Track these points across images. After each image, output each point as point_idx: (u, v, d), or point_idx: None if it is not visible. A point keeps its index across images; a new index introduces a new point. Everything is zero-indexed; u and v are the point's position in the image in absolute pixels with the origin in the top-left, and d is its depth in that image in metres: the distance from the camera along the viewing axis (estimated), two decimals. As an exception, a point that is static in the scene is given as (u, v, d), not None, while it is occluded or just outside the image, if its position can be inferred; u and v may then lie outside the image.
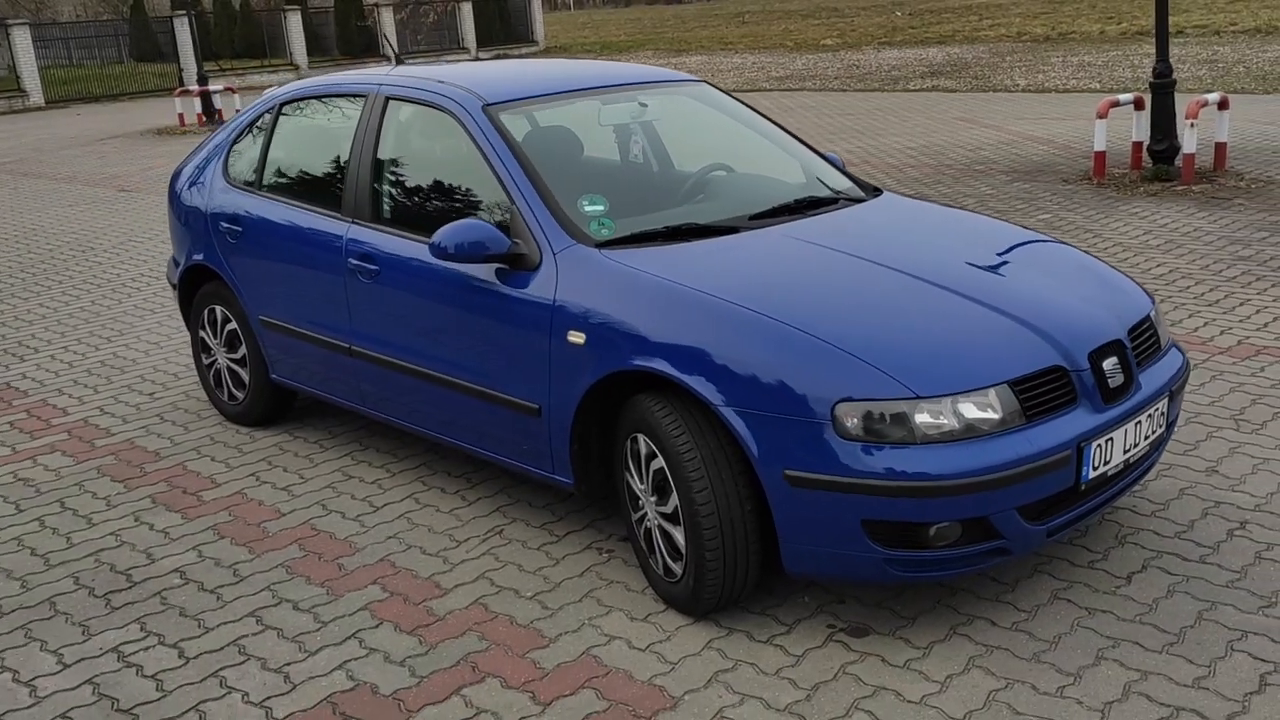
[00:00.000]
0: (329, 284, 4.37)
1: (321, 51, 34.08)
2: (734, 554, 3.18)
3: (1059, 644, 3.14)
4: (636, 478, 3.46)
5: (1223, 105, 9.85)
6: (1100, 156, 9.95)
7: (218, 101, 20.02)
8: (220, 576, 3.79)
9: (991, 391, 3.01)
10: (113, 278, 8.49)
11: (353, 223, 4.30)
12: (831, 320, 3.14)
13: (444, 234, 3.66)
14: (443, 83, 4.22)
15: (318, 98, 4.79)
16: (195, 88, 20.28)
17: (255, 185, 4.86)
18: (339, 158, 4.53)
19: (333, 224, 4.38)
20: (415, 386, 4.10)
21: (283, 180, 4.77)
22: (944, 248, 3.70)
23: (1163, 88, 9.74)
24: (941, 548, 3.00)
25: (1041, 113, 14.82)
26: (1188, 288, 6.47)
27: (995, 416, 2.99)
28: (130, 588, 3.75)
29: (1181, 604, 3.30)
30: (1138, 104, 10.12)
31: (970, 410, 2.97)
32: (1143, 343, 3.48)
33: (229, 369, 5.12)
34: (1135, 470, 3.40)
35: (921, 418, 2.94)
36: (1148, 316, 3.57)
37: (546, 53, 35.74)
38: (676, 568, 3.34)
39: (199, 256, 5.09)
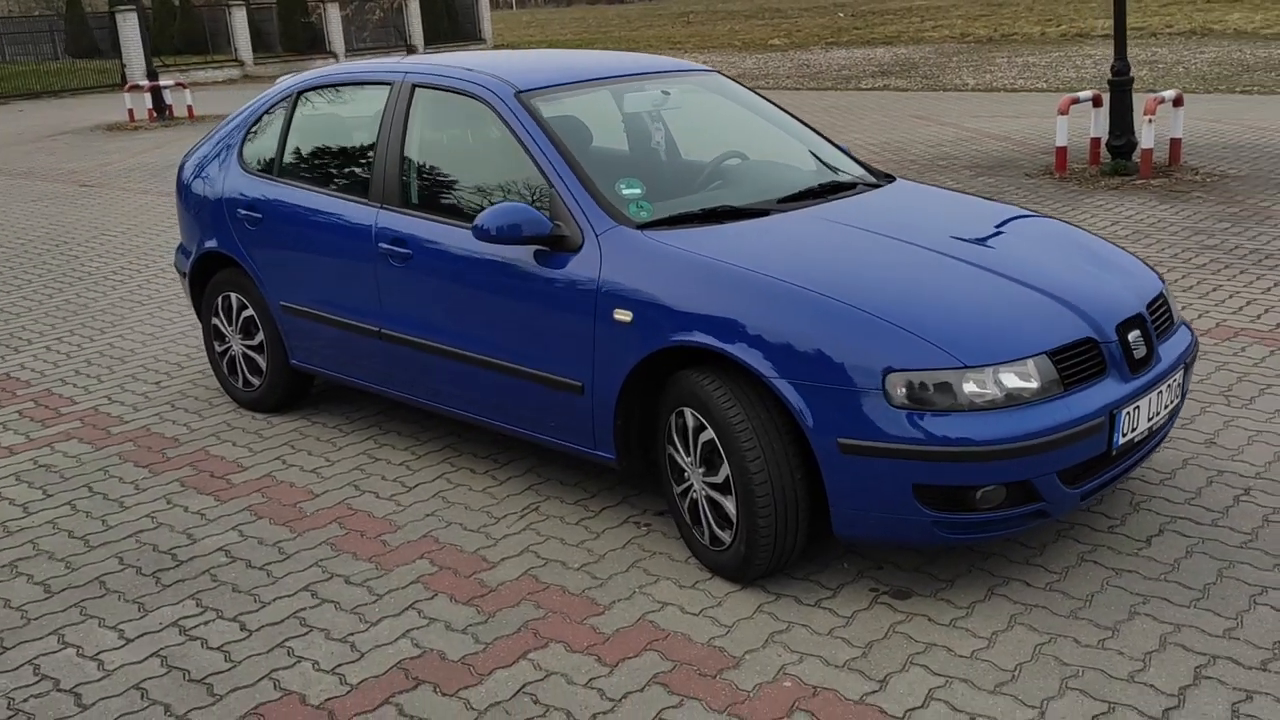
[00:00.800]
0: (357, 268, 4.44)
1: (265, 48, 33.71)
2: (785, 520, 3.32)
3: (1092, 601, 3.32)
4: (681, 451, 3.58)
5: (1178, 102, 10.20)
6: (1062, 152, 10.25)
7: (168, 97, 19.76)
8: (266, 554, 3.86)
9: (1031, 361, 3.18)
10: (93, 270, 8.43)
11: (382, 208, 4.38)
12: (878, 295, 3.29)
13: (487, 216, 3.76)
14: (471, 70, 4.32)
15: (337, 86, 4.85)
16: (145, 83, 19.99)
17: (274, 172, 4.91)
18: (364, 145, 4.60)
19: (361, 209, 4.45)
20: (450, 368, 4.19)
21: (304, 167, 4.82)
22: (968, 228, 3.87)
23: (1121, 85, 10.08)
24: (986, 510, 3.17)
25: (994, 111, 15.18)
26: (1161, 275, 6.73)
27: (1035, 385, 3.16)
28: (177, 566, 3.80)
29: (1201, 563, 3.50)
30: (1096, 101, 10.46)
31: (1012, 379, 3.14)
32: (1159, 318, 3.68)
33: (244, 355, 5.15)
34: (1156, 437, 3.60)
35: (968, 386, 3.10)
36: (1161, 293, 3.78)
37: (494, 50, 35.66)
38: (725, 536, 3.47)
39: (212, 244, 5.13)
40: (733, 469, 3.34)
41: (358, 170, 4.58)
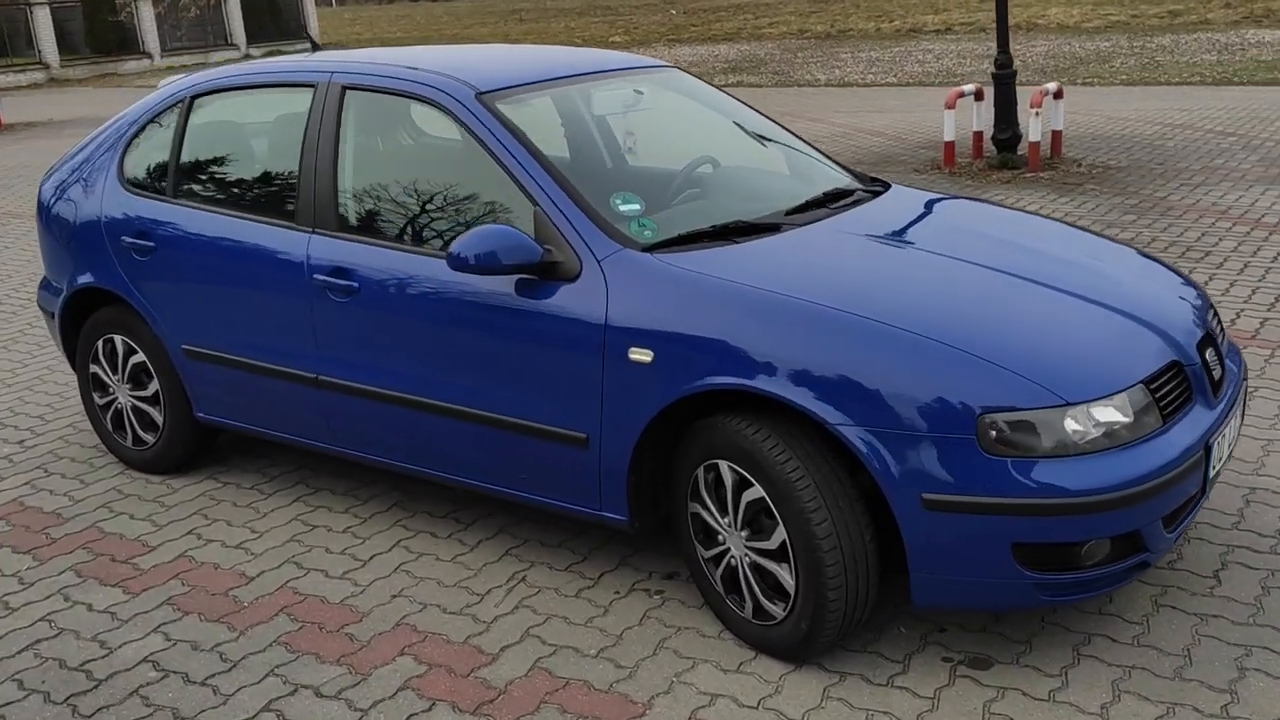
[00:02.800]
0: (284, 304, 3.75)
1: (69, 49, 31.38)
2: (856, 591, 2.85)
3: (1192, 658, 2.96)
4: (714, 509, 3.07)
5: (1058, 95, 10.21)
6: (950, 146, 10.13)
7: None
8: (206, 663, 3.16)
9: (1130, 393, 2.79)
10: (-89, 306, 7.32)
11: (314, 233, 3.70)
12: (957, 325, 2.84)
13: (465, 243, 3.16)
14: (417, 70, 3.68)
15: (241, 89, 4.12)
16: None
17: (167, 192, 4.15)
18: (283, 158, 3.92)
19: (286, 235, 3.76)
20: (412, 420, 3.55)
21: (205, 186, 4.09)
22: (1012, 242, 3.47)
23: (1004, 79, 10.01)
24: (1089, 567, 2.76)
25: (855, 106, 15.12)
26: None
27: (1132, 419, 2.77)
28: (95, 688, 3.07)
29: (1284, 601, 3.19)
30: (978, 95, 10.38)
31: (1111, 414, 2.74)
32: (1218, 330, 3.35)
33: (134, 409, 4.37)
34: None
35: (1072, 426, 2.69)
36: (1211, 305, 3.46)
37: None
38: (775, 609, 2.97)
39: (88, 278, 4.32)
40: (791, 533, 2.84)
41: (278, 189, 3.88)
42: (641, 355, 3.03)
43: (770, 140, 4.22)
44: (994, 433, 2.66)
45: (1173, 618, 3.14)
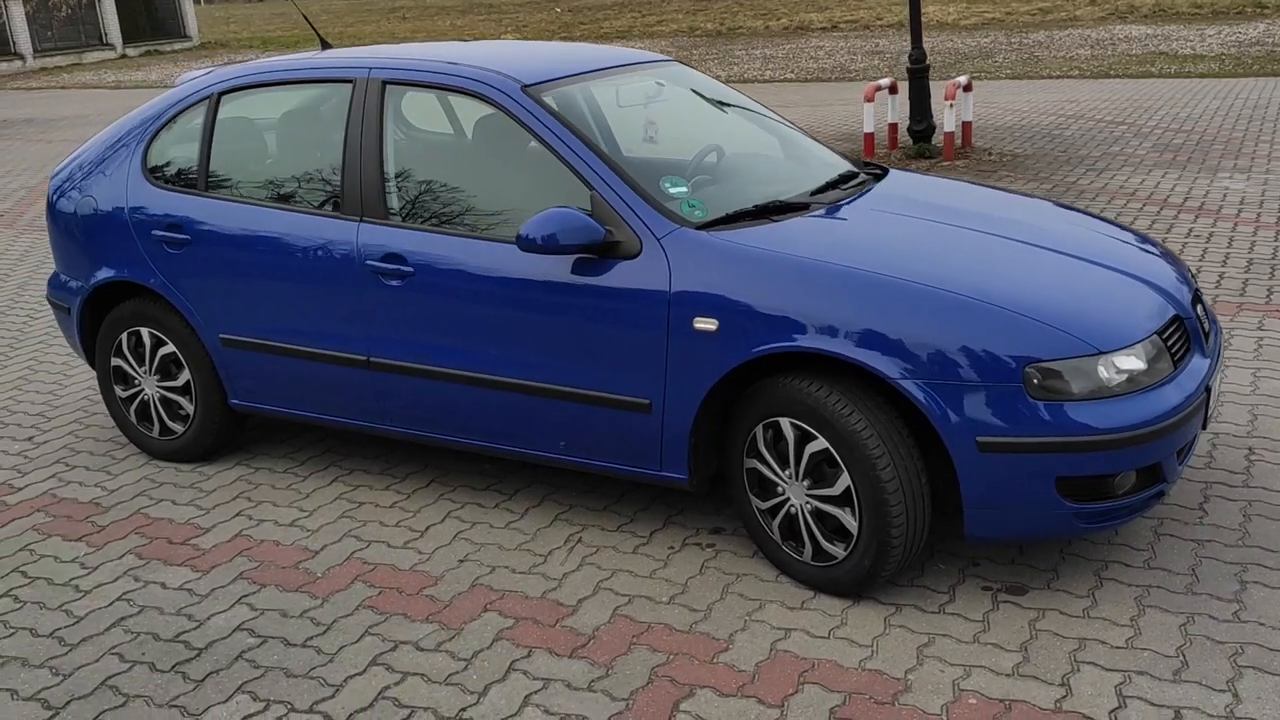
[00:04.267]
0: (333, 291, 3.92)
1: (-69, 50, 30.05)
2: (914, 528, 3.18)
3: (1198, 575, 3.36)
4: (773, 463, 3.36)
5: (967, 88, 10.78)
6: (869, 137, 10.61)
7: None
8: (301, 628, 3.32)
9: (1147, 343, 3.17)
10: None
11: (362, 222, 3.88)
12: (996, 286, 3.19)
13: (532, 225, 3.39)
14: (458, 65, 3.89)
15: (270, 85, 4.25)
16: None
17: (199, 186, 4.25)
18: (323, 151, 4.07)
19: (334, 225, 3.92)
20: (469, 396, 3.76)
21: (240, 179, 4.21)
22: (1018, 215, 3.84)
23: (919, 73, 10.56)
24: (1120, 496, 3.14)
25: (763, 101, 15.57)
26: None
27: (1152, 365, 3.16)
28: (197, 656, 3.21)
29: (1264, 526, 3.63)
30: (892, 89, 10.90)
31: (1134, 362, 3.12)
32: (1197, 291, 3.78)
33: (162, 399, 4.46)
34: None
35: (1104, 373, 3.06)
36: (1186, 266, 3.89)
37: (203, 49, 33.39)
38: (836, 550, 3.28)
39: (112, 273, 4.40)
40: (856, 479, 3.16)
41: (319, 181, 4.03)
42: (706, 324, 3.31)
43: (768, 128, 4.53)
44: (1038, 380, 3.02)
45: (1173, 544, 3.55)
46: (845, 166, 4.30)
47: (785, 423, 3.29)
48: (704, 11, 33.54)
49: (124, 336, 4.47)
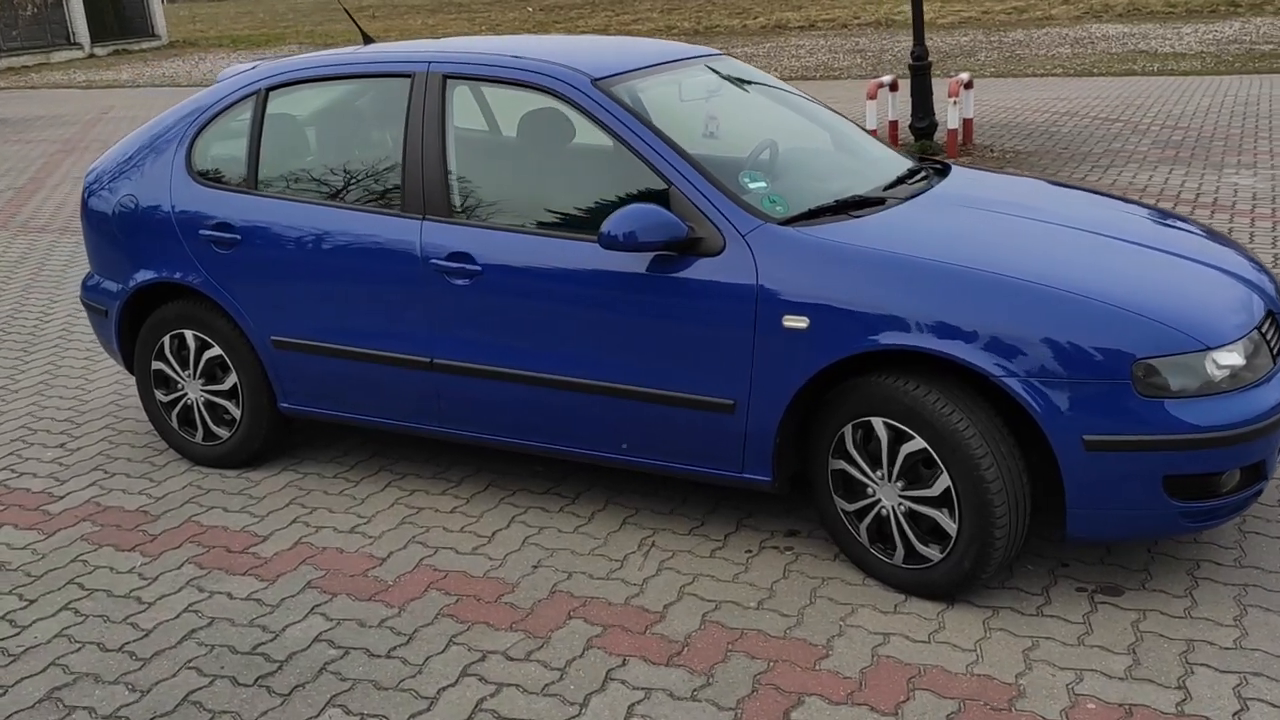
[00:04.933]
0: (394, 291, 3.81)
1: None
2: (1016, 528, 3.12)
3: (1291, 573, 3.34)
4: (863, 464, 3.29)
5: (969, 85, 10.78)
6: (873, 135, 10.57)
7: None
8: (381, 639, 3.22)
9: (1248, 339, 3.13)
10: None
11: (425, 220, 3.77)
12: (1097, 282, 3.13)
13: (614, 222, 3.31)
14: (522, 58, 3.79)
15: (322, 79, 4.13)
16: None
17: (250, 184, 4.13)
18: (380, 147, 3.97)
19: (395, 223, 3.82)
20: (535, 396, 3.67)
21: (292, 177, 4.09)
22: (1094, 210, 3.80)
23: (921, 70, 10.55)
24: (1225, 495, 3.09)
25: (751, 99, 15.52)
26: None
27: (1259, 361, 3.12)
28: (279, 669, 3.10)
29: (1349, 522, 3.60)
30: (893, 86, 10.88)
31: (1235, 358, 3.08)
32: (1272, 288, 3.76)
33: (207, 404, 4.33)
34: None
35: (1211, 369, 3.02)
36: (1260, 263, 3.86)
37: (172, 48, 32.95)
38: (931, 552, 3.22)
39: (154, 274, 4.27)
40: (958, 479, 3.10)
41: (377, 179, 3.92)
42: (796, 322, 3.24)
43: (821, 122, 4.46)
44: (1146, 377, 2.97)
45: (1261, 542, 3.52)
46: (906, 161, 4.24)
47: (878, 422, 3.22)
48: (678, 10, 33.50)
49: (166, 339, 4.33)
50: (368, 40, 4.68)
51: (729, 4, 34.29)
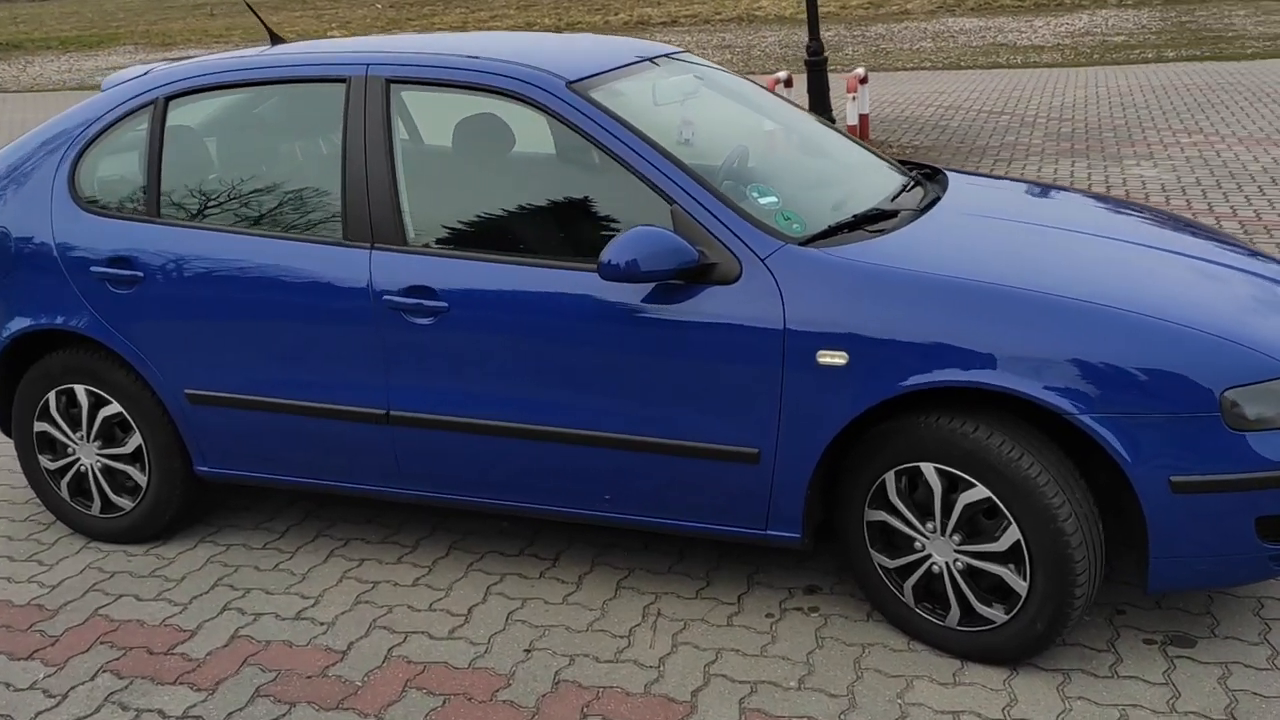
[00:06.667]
0: (338, 332, 3.25)
1: None
2: (1095, 584, 2.77)
3: (1361, 607, 3.07)
4: (911, 515, 2.89)
5: (863, 80, 10.59)
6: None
7: None
8: (364, 761, 2.67)
9: (1324, 359, 2.84)
10: None
11: (374, 249, 3.22)
12: (1164, 302, 2.79)
13: (616, 249, 2.83)
14: (480, 59, 3.27)
15: (233, 85, 3.51)
16: None
17: (149, 211, 3.49)
18: (311, 165, 3.40)
19: (334, 254, 3.25)
20: (516, 451, 3.16)
21: (205, 202, 3.46)
22: (1123, 219, 3.48)
23: (817, 65, 10.31)
24: (1311, 533, 2.80)
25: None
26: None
27: (1330, 386, 2.83)
28: (243, 813, 2.52)
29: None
30: (788, 82, 10.61)
31: (1314, 381, 2.78)
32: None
33: (104, 470, 3.67)
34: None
35: (1296, 396, 2.71)
36: None
37: (-7, 51, 30.72)
38: (994, 613, 2.84)
39: (32, 321, 3.59)
40: (1028, 532, 2.72)
41: (315, 202, 3.34)
42: (834, 358, 2.81)
43: (793, 123, 4.05)
44: (1239, 409, 2.64)
45: (1315, 572, 3.25)
46: (896, 166, 3.86)
47: (929, 469, 2.82)
48: (535, 7, 32.94)
49: (51, 396, 3.66)
50: (275, 40, 4.07)
51: (588, 2, 33.90)
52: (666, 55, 3.90)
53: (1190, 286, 2.95)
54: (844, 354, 2.80)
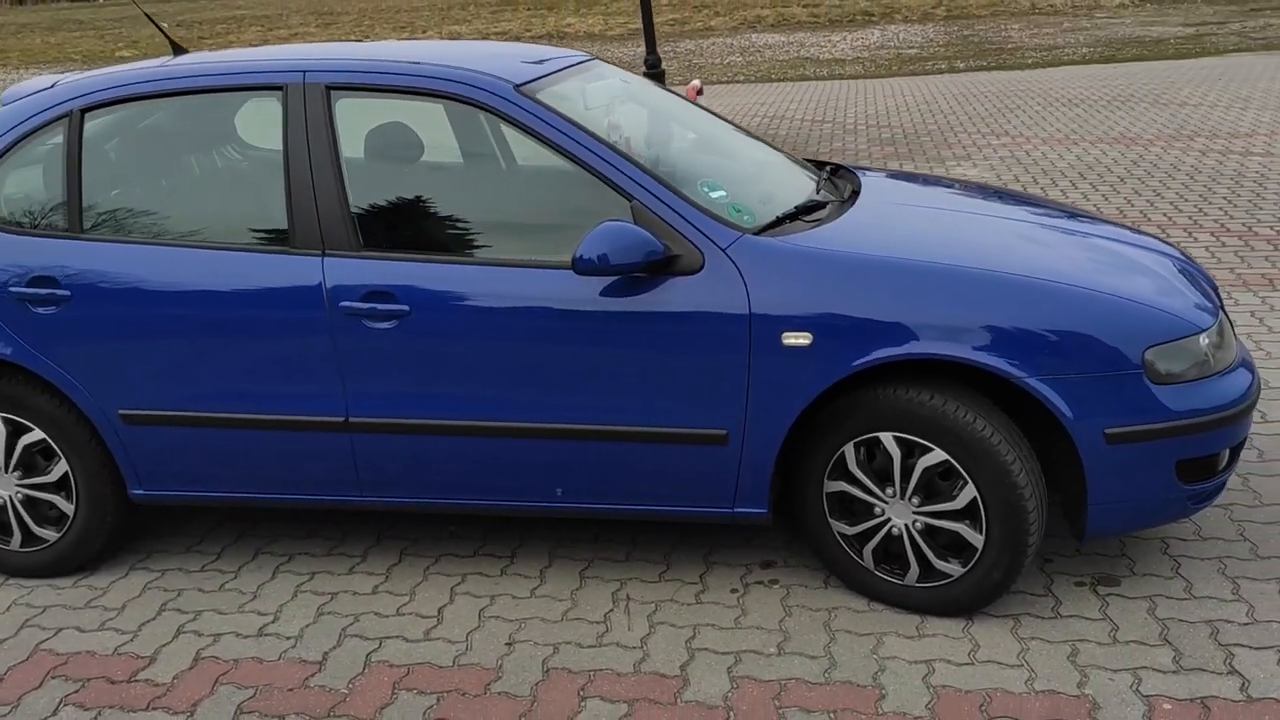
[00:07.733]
0: (289, 341, 3.21)
1: None
2: (1041, 533, 3.03)
3: (1250, 539, 3.45)
4: (870, 483, 3.09)
5: (700, 92, 10.90)
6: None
7: None
8: (374, 762, 2.67)
9: (1220, 320, 3.20)
10: None
11: (326, 255, 3.21)
12: (1091, 274, 3.08)
13: (588, 244, 2.94)
14: (423, 64, 3.31)
15: (154, 95, 3.42)
16: None
17: (71, 228, 3.36)
18: (250, 174, 3.37)
19: (287, 262, 3.21)
20: (486, 450, 3.20)
21: (133, 215, 3.36)
22: (1011, 205, 3.78)
23: (655, 77, 10.57)
24: (1219, 474, 3.14)
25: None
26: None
27: (1231, 341, 3.19)
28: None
29: (1267, 484, 3.79)
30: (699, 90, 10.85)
31: (1217, 339, 3.13)
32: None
33: (25, 500, 3.51)
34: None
35: (1204, 351, 3.04)
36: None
37: None
38: (951, 567, 3.07)
39: (-61, 345, 3.40)
40: (987, 488, 2.96)
41: (257, 211, 3.30)
42: (798, 339, 2.98)
43: (712, 125, 4.22)
44: (1159, 365, 2.95)
45: (1209, 514, 3.62)
46: (803, 163, 4.08)
47: (888, 437, 3.03)
48: (336, 24, 32.31)
49: (-38, 426, 3.47)
50: (178, 51, 3.97)
51: (391, 19, 33.52)
52: (586, 61, 4.01)
53: (1105, 261, 3.26)
54: (808, 335, 2.98)
